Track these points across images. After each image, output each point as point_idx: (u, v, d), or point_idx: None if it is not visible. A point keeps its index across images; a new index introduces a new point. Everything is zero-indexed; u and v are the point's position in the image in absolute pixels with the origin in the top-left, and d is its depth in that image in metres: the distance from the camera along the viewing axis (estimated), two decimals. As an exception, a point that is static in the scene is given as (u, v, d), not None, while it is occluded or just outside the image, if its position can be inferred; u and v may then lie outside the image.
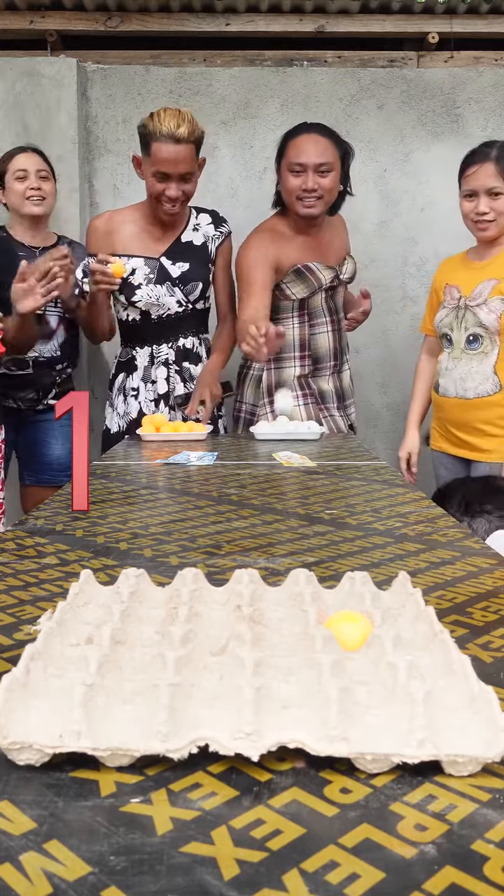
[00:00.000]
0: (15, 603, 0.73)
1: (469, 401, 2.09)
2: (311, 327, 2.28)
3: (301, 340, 2.27)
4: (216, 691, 0.49)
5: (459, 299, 2.16)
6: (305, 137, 2.14)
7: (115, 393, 2.31)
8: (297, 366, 2.28)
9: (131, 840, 0.37)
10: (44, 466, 2.49)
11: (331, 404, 2.33)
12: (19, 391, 2.39)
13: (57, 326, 2.40)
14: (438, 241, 3.02)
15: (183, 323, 2.26)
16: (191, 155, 2.06)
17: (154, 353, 2.25)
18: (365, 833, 0.38)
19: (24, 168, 2.35)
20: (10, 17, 2.92)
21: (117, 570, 0.83)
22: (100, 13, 2.94)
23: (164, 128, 2.01)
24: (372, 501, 1.23)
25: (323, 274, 2.24)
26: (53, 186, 2.44)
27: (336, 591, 0.69)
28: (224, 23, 2.96)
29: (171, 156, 2.03)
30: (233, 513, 1.15)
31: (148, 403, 2.25)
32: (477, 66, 3.05)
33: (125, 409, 2.27)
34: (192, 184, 2.12)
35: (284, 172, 2.17)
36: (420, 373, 2.41)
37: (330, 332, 2.31)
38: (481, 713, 0.45)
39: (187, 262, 2.21)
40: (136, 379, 2.26)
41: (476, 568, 0.85)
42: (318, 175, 2.13)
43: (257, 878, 0.34)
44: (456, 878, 0.34)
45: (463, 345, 2.11)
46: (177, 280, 2.20)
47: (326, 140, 2.14)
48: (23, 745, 0.43)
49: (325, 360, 2.31)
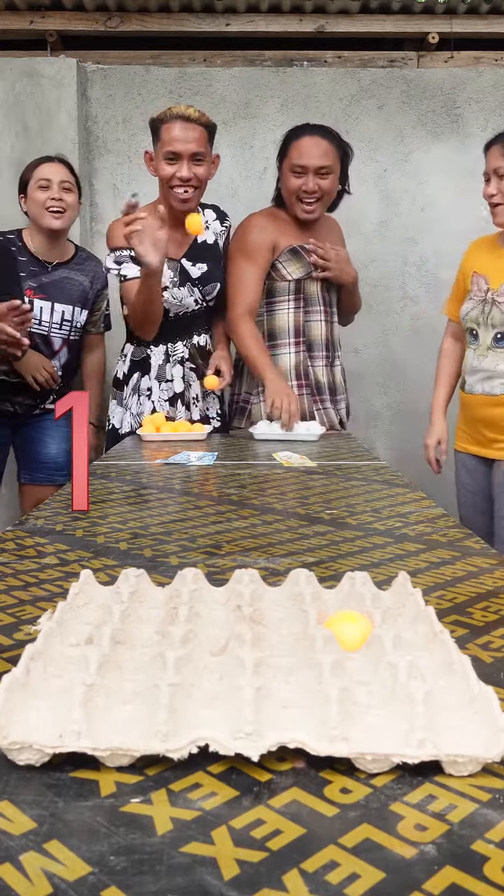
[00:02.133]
0: (15, 603, 0.73)
1: (496, 397, 2.04)
2: (305, 313, 2.30)
3: (296, 326, 2.29)
4: (216, 691, 0.49)
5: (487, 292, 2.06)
6: (308, 140, 2.17)
7: (128, 393, 2.30)
8: (291, 352, 2.30)
9: (131, 840, 0.37)
10: (40, 465, 2.49)
11: (325, 396, 2.34)
12: (17, 396, 2.39)
13: (60, 348, 2.40)
14: (438, 241, 3.02)
15: (197, 320, 2.27)
16: (202, 136, 2.06)
17: (169, 351, 2.25)
18: (365, 833, 0.38)
19: (48, 178, 2.25)
20: (10, 17, 2.92)
21: (117, 570, 0.83)
22: (100, 13, 2.94)
23: (176, 110, 2.05)
24: (372, 501, 1.23)
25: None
26: (77, 199, 2.33)
27: (336, 591, 0.69)
28: (224, 23, 2.96)
29: (181, 134, 2.03)
30: (233, 513, 1.15)
31: (162, 403, 2.24)
32: (477, 66, 3.05)
33: (139, 409, 2.27)
34: (205, 168, 2.10)
35: (286, 172, 2.21)
36: (444, 355, 2.28)
37: (323, 322, 2.32)
38: (481, 713, 0.45)
39: (205, 263, 2.22)
40: (151, 378, 2.26)
41: (476, 568, 0.85)
42: (318, 177, 2.17)
43: (257, 878, 0.34)
44: (456, 878, 0.34)
45: (490, 342, 2.04)
46: (197, 281, 2.21)
47: (328, 143, 2.18)
48: (23, 745, 0.43)
49: (318, 348, 2.32)
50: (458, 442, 2.24)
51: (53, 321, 2.35)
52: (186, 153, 2.04)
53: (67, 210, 2.28)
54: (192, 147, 2.05)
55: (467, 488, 2.19)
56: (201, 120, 2.06)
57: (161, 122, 2.06)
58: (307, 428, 2.08)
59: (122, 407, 2.32)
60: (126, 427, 2.29)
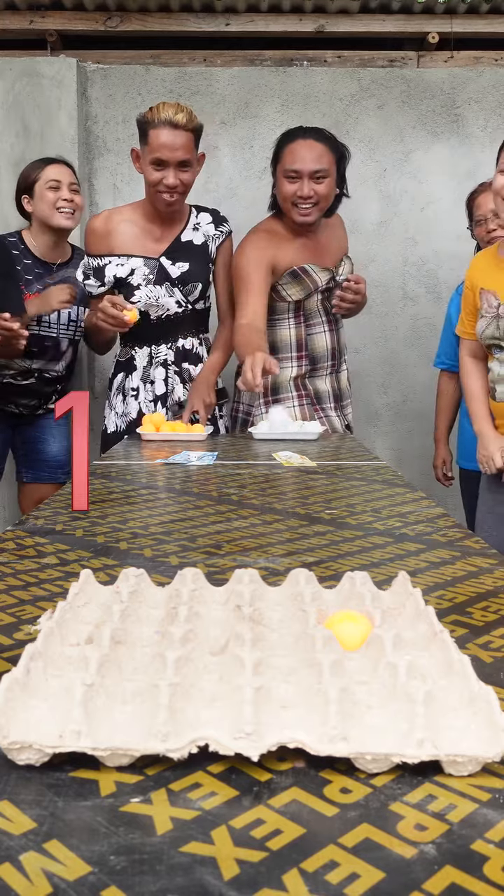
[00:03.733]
0: (15, 603, 0.73)
1: None
2: (307, 328, 2.28)
3: (298, 341, 2.27)
4: (216, 691, 0.49)
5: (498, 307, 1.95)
6: (301, 143, 2.13)
7: (113, 393, 2.31)
8: (294, 366, 2.28)
9: (131, 840, 0.37)
10: (41, 464, 2.49)
11: (327, 405, 2.33)
12: (21, 398, 2.40)
13: (67, 348, 2.40)
14: (438, 241, 3.02)
15: (182, 324, 2.25)
16: (189, 143, 2.05)
17: (153, 353, 2.25)
18: (365, 833, 0.38)
19: (58, 179, 2.29)
20: (9, 17, 2.92)
21: (117, 570, 0.83)
22: (100, 13, 2.94)
23: (163, 115, 2.03)
24: (372, 501, 1.23)
25: (319, 276, 2.23)
26: (83, 201, 2.40)
27: (336, 591, 0.69)
28: (224, 23, 2.96)
29: (169, 141, 2.03)
30: (233, 513, 1.15)
31: (147, 404, 2.25)
32: (477, 66, 3.04)
33: (124, 409, 2.27)
34: (191, 174, 2.10)
35: (280, 178, 2.17)
36: (469, 373, 2.12)
37: (327, 333, 2.30)
38: (481, 713, 0.45)
39: (187, 262, 2.21)
40: (136, 379, 2.26)
41: (476, 568, 0.85)
42: (313, 181, 2.13)
43: (257, 877, 0.34)
44: (456, 878, 0.34)
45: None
46: (176, 280, 2.20)
47: (322, 146, 2.14)
48: (23, 745, 0.43)
49: (323, 360, 2.31)
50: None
51: (61, 322, 2.36)
52: (173, 161, 2.04)
53: (76, 210, 2.32)
54: (179, 155, 2.04)
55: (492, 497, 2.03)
56: (189, 126, 2.04)
57: (149, 125, 2.04)
58: (307, 428, 2.08)
59: (108, 407, 2.33)
60: (112, 426, 2.29)
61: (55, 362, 2.38)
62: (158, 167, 2.06)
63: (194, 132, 2.07)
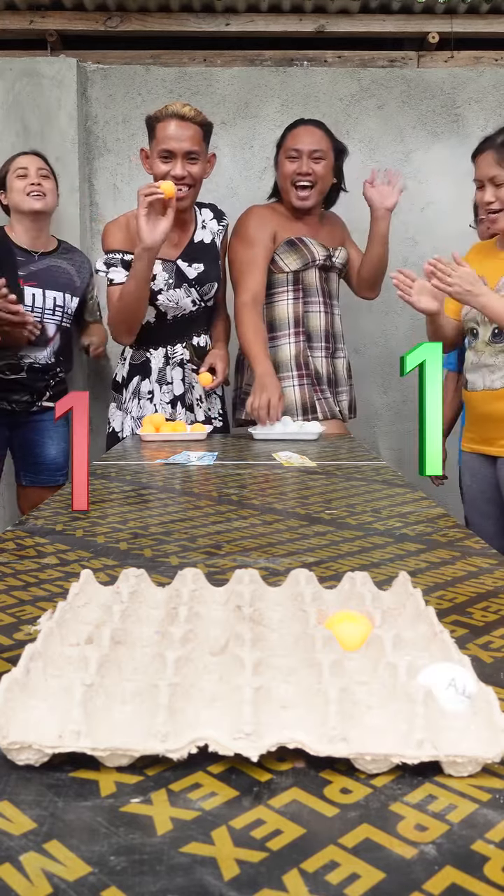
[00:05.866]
0: (15, 603, 0.73)
1: (496, 391, 2.03)
2: (304, 304, 2.32)
3: (295, 316, 2.31)
4: (216, 691, 0.49)
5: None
6: (303, 128, 2.30)
7: (127, 396, 2.30)
8: (291, 342, 2.31)
9: (131, 840, 0.37)
10: (40, 467, 2.49)
11: (325, 386, 2.35)
12: (13, 394, 2.39)
13: (54, 334, 2.41)
14: (438, 241, 3.02)
15: (196, 321, 2.27)
16: (196, 135, 2.07)
17: (169, 353, 2.25)
18: (365, 833, 0.38)
19: (25, 166, 2.39)
20: (9, 17, 2.92)
21: (117, 570, 0.83)
22: (100, 13, 2.94)
23: (171, 109, 2.07)
24: (372, 501, 1.23)
25: (316, 249, 2.29)
26: (55, 186, 2.45)
27: (336, 591, 0.69)
28: (224, 23, 2.96)
29: (176, 132, 2.05)
30: (233, 513, 1.15)
31: (164, 406, 2.25)
32: (477, 66, 3.04)
33: (140, 413, 2.27)
34: (199, 167, 2.11)
35: (282, 160, 2.28)
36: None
37: (322, 313, 2.34)
38: (481, 713, 0.45)
39: (202, 263, 2.22)
40: (152, 381, 2.26)
41: (476, 568, 0.85)
42: (311, 161, 2.25)
43: (257, 878, 0.34)
44: (456, 879, 0.34)
45: (488, 338, 2.03)
46: (193, 281, 2.21)
47: (321, 132, 2.30)
48: (23, 745, 0.43)
49: (318, 338, 2.34)
50: (464, 443, 2.24)
51: (46, 307, 2.38)
52: (181, 151, 2.05)
53: (47, 194, 2.39)
54: (187, 145, 2.05)
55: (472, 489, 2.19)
56: (196, 119, 2.06)
57: (156, 121, 2.08)
58: (307, 428, 2.08)
59: (122, 411, 2.31)
60: (127, 430, 2.29)
61: (41, 349, 2.37)
62: (166, 159, 2.07)
63: (202, 126, 2.09)
